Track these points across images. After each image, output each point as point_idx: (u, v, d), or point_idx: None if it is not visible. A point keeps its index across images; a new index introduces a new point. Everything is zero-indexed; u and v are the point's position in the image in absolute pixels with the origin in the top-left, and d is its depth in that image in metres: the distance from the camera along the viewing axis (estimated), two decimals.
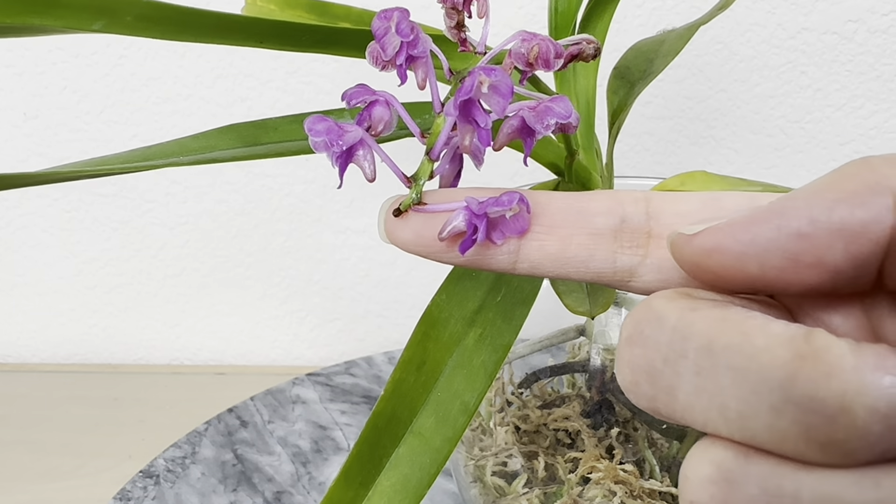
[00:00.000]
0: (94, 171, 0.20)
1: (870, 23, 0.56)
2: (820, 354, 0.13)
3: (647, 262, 0.19)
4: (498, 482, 0.37)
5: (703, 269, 0.16)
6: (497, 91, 0.19)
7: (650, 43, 0.37)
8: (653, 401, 0.15)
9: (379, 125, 0.20)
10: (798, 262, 0.15)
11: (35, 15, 0.18)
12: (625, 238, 0.19)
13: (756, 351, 0.14)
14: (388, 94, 0.20)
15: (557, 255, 0.19)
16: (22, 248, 0.64)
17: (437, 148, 0.20)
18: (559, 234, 0.19)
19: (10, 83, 0.59)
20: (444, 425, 0.20)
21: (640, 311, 0.16)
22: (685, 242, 0.16)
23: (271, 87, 0.58)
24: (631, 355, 0.16)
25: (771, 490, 0.14)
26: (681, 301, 0.16)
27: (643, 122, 0.59)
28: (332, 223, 0.62)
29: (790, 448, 0.14)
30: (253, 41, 0.22)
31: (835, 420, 0.13)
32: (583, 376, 0.39)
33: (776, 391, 0.14)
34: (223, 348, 0.67)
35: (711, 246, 0.16)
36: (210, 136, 0.23)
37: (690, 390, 0.15)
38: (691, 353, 0.15)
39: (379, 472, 0.19)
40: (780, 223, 0.15)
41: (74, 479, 0.51)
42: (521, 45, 0.20)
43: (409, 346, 0.21)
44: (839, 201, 0.15)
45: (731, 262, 0.16)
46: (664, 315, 0.15)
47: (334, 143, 0.19)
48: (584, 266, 0.19)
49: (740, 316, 0.15)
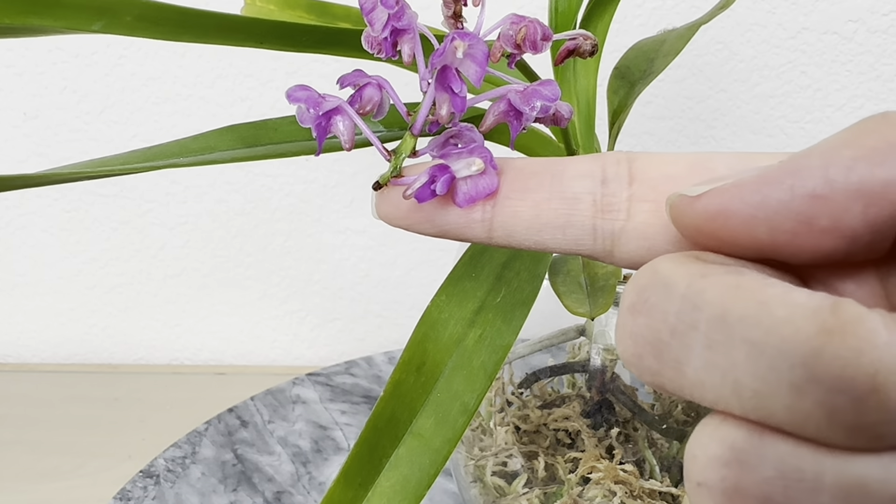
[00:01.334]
0: (95, 172, 0.20)
1: (870, 23, 0.56)
2: (849, 328, 0.12)
3: (630, 226, 0.17)
4: (498, 482, 0.37)
5: (705, 235, 0.15)
6: (473, 58, 0.18)
7: (651, 43, 0.37)
8: (657, 375, 0.14)
9: (368, 105, 0.20)
10: (812, 226, 0.14)
11: (35, 15, 0.18)
12: (605, 202, 0.17)
13: (776, 323, 0.12)
14: (381, 78, 0.20)
15: (532, 222, 0.18)
16: (22, 248, 0.64)
17: (419, 122, 0.19)
18: (533, 199, 0.18)
19: (10, 83, 0.59)
20: (443, 426, 0.20)
21: (645, 276, 0.15)
22: (687, 205, 0.15)
23: (271, 88, 0.58)
24: (634, 325, 0.14)
25: (789, 473, 0.13)
26: (690, 266, 0.14)
27: (643, 122, 0.59)
28: (332, 223, 0.62)
29: (812, 430, 0.12)
30: (253, 42, 0.22)
31: (864, 401, 0.12)
32: (583, 376, 0.39)
33: (798, 368, 0.12)
34: (223, 348, 0.67)
35: (717, 208, 0.14)
36: (210, 136, 0.23)
37: (700, 365, 0.13)
38: (702, 324, 0.13)
39: (378, 473, 0.19)
40: (794, 183, 0.14)
41: (74, 479, 0.51)
42: (510, 27, 0.20)
43: (409, 346, 0.21)
44: (858, 159, 0.13)
45: (738, 226, 0.14)
46: (672, 281, 0.14)
47: (311, 107, 0.19)
48: (562, 233, 0.18)
49: (757, 283, 0.13)
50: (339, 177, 0.61)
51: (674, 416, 0.38)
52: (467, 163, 0.18)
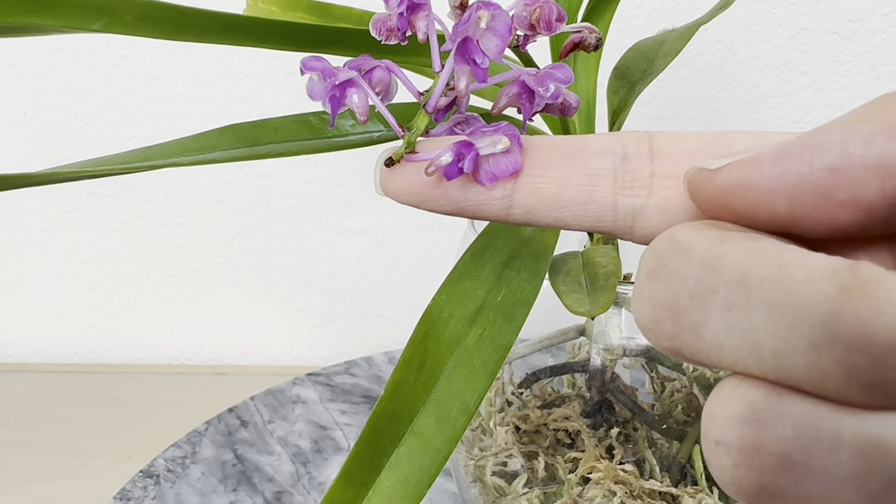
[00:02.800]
0: (95, 171, 0.20)
1: (870, 23, 0.56)
2: (868, 287, 0.12)
3: (651, 202, 0.17)
4: (498, 482, 0.37)
5: (724, 208, 0.15)
6: (495, 30, 0.18)
7: (650, 43, 0.37)
8: (675, 339, 0.14)
9: (377, 86, 0.20)
10: (830, 199, 0.14)
11: (35, 14, 0.18)
12: (626, 178, 0.17)
13: (795, 284, 0.13)
14: (390, 62, 0.20)
15: (553, 199, 0.18)
16: (22, 248, 0.64)
17: (434, 98, 0.19)
18: (555, 176, 0.18)
19: (10, 83, 0.59)
20: (444, 425, 0.20)
21: (663, 243, 0.15)
22: (707, 178, 0.15)
23: (271, 87, 0.58)
24: (652, 290, 0.14)
25: (807, 431, 0.13)
26: (709, 232, 0.14)
27: (643, 122, 0.59)
28: (332, 223, 0.62)
29: (831, 389, 0.12)
30: (253, 41, 0.22)
31: (883, 359, 0.12)
32: (583, 376, 0.39)
33: (818, 328, 0.12)
34: (223, 348, 0.67)
35: (737, 181, 0.15)
36: (210, 136, 0.23)
37: (720, 328, 0.13)
38: (722, 287, 0.13)
39: (379, 473, 0.19)
40: (813, 157, 0.14)
41: (74, 479, 0.51)
42: (524, 8, 0.20)
43: (410, 345, 0.21)
44: (877, 134, 0.14)
45: (757, 198, 0.14)
46: (691, 246, 0.14)
47: (327, 77, 0.19)
48: (583, 210, 0.18)
49: (776, 248, 0.13)
50: (339, 177, 0.61)
51: (674, 416, 0.38)
52: (492, 140, 0.18)
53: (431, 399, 0.20)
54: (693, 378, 0.37)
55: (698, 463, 0.35)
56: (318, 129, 0.25)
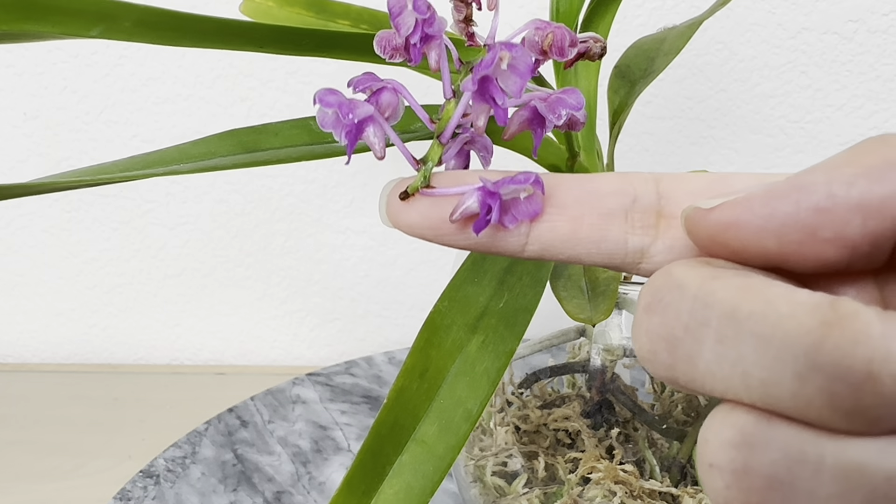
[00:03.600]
0: (94, 179, 0.20)
1: (870, 23, 0.55)
2: (846, 321, 0.13)
3: (659, 242, 0.18)
4: (498, 482, 0.37)
5: (719, 244, 0.16)
6: (515, 69, 0.18)
7: (651, 41, 0.37)
8: (671, 370, 0.15)
9: (387, 111, 0.20)
10: (816, 236, 0.15)
11: (32, 21, 0.18)
12: (636, 218, 0.18)
13: (781, 318, 0.14)
14: (396, 82, 0.20)
15: (569, 237, 0.19)
16: (22, 248, 0.64)
17: (448, 130, 0.19)
18: (570, 215, 0.19)
19: (10, 83, 0.59)
20: (447, 433, 0.20)
21: (660, 279, 0.16)
22: (701, 217, 0.16)
23: (271, 88, 0.58)
24: (650, 324, 0.15)
25: (793, 455, 0.14)
26: (702, 269, 0.15)
27: (643, 122, 0.59)
28: (332, 223, 0.62)
29: (814, 415, 0.14)
30: (253, 46, 0.22)
31: (861, 388, 0.13)
32: (583, 376, 0.39)
33: (801, 358, 0.13)
34: (223, 348, 0.67)
35: (729, 220, 0.16)
36: (210, 141, 0.23)
37: (712, 358, 0.14)
38: (714, 320, 0.14)
39: (382, 480, 0.19)
40: (800, 197, 0.15)
41: (74, 479, 0.51)
42: (535, 33, 0.20)
43: (412, 353, 0.21)
44: (858, 176, 0.15)
45: (748, 236, 0.16)
46: (685, 282, 0.15)
47: (345, 115, 0.18)
48: (596, 247, 0.19)
49: (764, 284, 0.14)
50: (339, 177, 0.61)
51: (674, 416, 0.38)
52: (516, 189, 0.18)
53: (434, 407, 0.20)
54: None
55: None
56: (318, 133, 0.25)
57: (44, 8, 0.18)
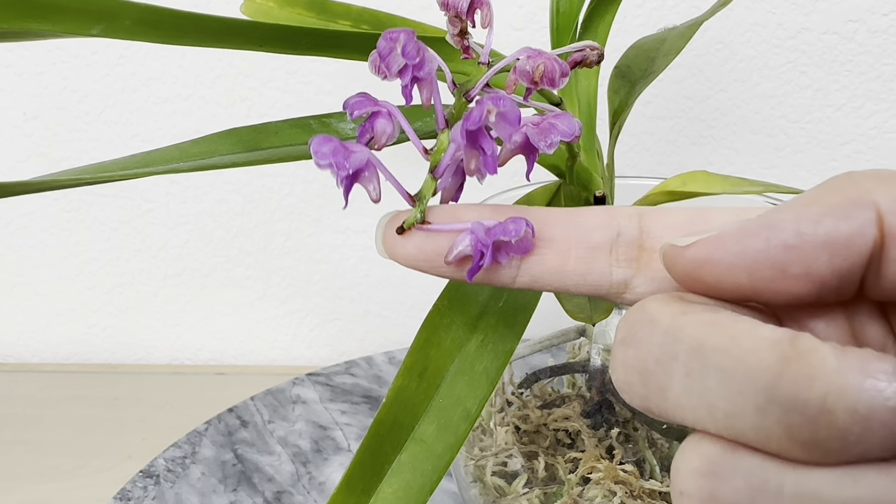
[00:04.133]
0: (93, 178, 0.20)
1: (870, 23, 0.55)
2: (804, 357, 0.14)
3: (641, 274, 0.19)
4: (498, 482, 0.37)
5: (694, 280, 0.17)
6: (505, 119, 0.19)
7: (651, 41, 0.37)
8: (645, 400, 0.16)
9: (382, 138, 0.20)
10: (786, 272, 0.16)
11: (32, 20, 0.18)
12: (620, 252, 0.19)
13: (743, 353, 0.14)
14: (391, 105, 0.20)
15: (557, 269, 0.20)
16: (22, 248, 0.64)
17: (442, 168, 0.20)
18: (558, 249, 0.19)
19: (10, 83, 0.59)
20: (446, 432, 0.20)
21: (634, 314, 0.16)
22: (677, 254, 0.17)
23: (271, 87, 0.58)
24: (625, 356, 0.16)
25: (755, 484, 0.15)
26: (673, 304, 0.16)
27: (643, 122, 0.59)
28: (332, 223, 0.62)
29: (774, 446, 0.14)
30: (253, 45, 0.22)
31: (816, 421, 0.14)
32: (583, 376, 0.39)
33: (761, 392, 0.14)
34: (223, 348, 0.67)
35: (703, 257, 0.16)
36: (210, 140, 0.23)
37: (680, 390, 0.15)
38: (682, 354, 0.15)
39: (381, 479, 0.19)
40: (769, 235, 0.16)
41: (74, 479, 0.51)
42: (527, 62, 0.20)
43: (411, 352, 0.21)
44: (824, 215, 0.15)
45: (721, 272, 0.16)
46: (657, 318, 0.16)
47: (341, 165, 0.19)
48: (583, 279, 0.20)
49: (729, 319, 0.15)
50: None
51: None
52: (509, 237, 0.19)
53: (433, 406, 0.20)
54: None
55: None
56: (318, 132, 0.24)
57: (44, 6, 0.18)
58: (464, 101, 0.20)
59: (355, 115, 0.20)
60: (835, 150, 0.59)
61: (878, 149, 0.59)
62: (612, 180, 0.35)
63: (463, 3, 0.20)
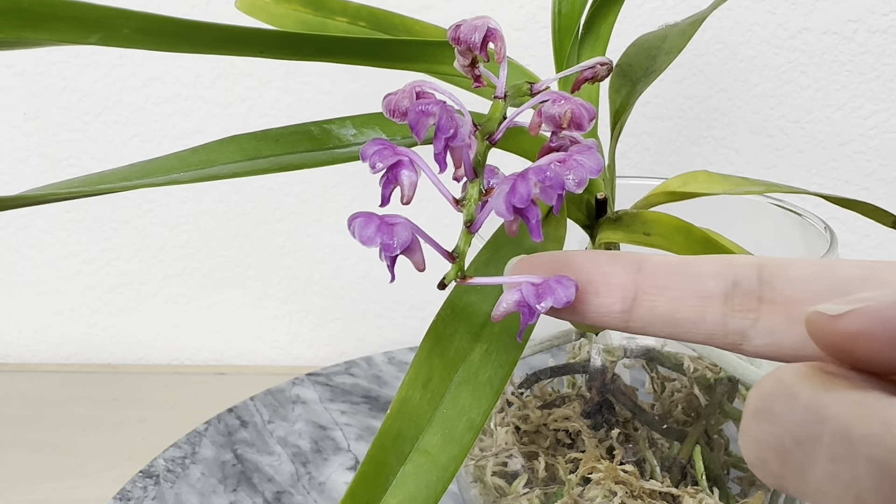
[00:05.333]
0: (92, 190, 0.20)
1: (870, 23, 0.55)
2: None
3: (759, 325, 0.19)
4: (498, 482, 0.37)
5: (843, 352, 0.15)
6: (550, 188, 0.18)
7: (653, 39, 0.36)
8: (781, 479, 0.15)
9: (409, 190, 0.19)
10: None
11: (30, 29, 0.18)
12: (736, 301, 0.19)
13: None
14: (413, 154, 0.19)
15: (669, 316, 0.19)
16: (22, 248, 0.64)
17: (478, 224, 0.19)
18: (670, 296, 0.19)
19: (10, 83, 0.59)
20: (450, 443, 0.20)
21: (769, 385, 0.15)
22: (827, 323, 0.16)
23: (271, 88, 0.58)
24: (758, 431, 0.15)
25: None
26: (814, 378, 0.15)
27: (643, 122, 0.59)
28: (332, 223, 0.62)
29: None
30: (253, 51, 0.22)
31: None
32: (583, 377, 0.39)
33: None
34: (223, 348, 0.67)
35: (858, 330, 0.15)
36: (210, 148, 0.23)
37: (824, 476, 0.14)
38: (826, 437, 0.14)
39: (385, 491, 0.19)
40: None
41: (74, 479, 0.51)
42: (553, 106, 0.19)
43: (415, 362, 0.21)
44: None
45: (877, 347, 0.15)
46: (795, 392, 0.15)
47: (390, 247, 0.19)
48: (695, 328, 0.19)
49: (880, 403, 0.14)
50: (340, 177, 0.61)
51: (674, 416, 0.38)
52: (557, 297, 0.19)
53: (437, 416, 0.20)
54: (693, 378, 0.37)
55: (699, 463, 0.35)
56: (319, 139, 0.24)
57: (41, 15, 0.18)
58: (487, 143, 0.20)
59: (378, 168, 0.19)
60: (835, 150, 0.59)
61: (878, 149, 0.59)
62: (614, 181, 0.34)
63: (476, 38, 0.20)
